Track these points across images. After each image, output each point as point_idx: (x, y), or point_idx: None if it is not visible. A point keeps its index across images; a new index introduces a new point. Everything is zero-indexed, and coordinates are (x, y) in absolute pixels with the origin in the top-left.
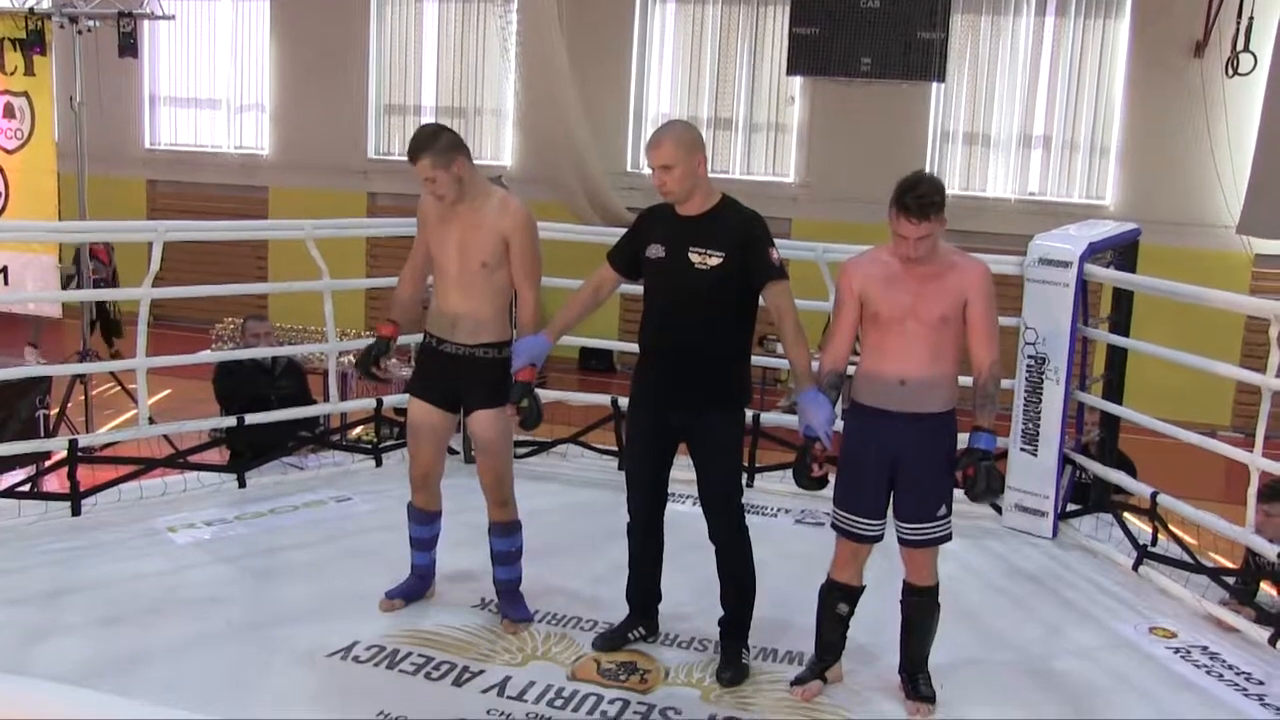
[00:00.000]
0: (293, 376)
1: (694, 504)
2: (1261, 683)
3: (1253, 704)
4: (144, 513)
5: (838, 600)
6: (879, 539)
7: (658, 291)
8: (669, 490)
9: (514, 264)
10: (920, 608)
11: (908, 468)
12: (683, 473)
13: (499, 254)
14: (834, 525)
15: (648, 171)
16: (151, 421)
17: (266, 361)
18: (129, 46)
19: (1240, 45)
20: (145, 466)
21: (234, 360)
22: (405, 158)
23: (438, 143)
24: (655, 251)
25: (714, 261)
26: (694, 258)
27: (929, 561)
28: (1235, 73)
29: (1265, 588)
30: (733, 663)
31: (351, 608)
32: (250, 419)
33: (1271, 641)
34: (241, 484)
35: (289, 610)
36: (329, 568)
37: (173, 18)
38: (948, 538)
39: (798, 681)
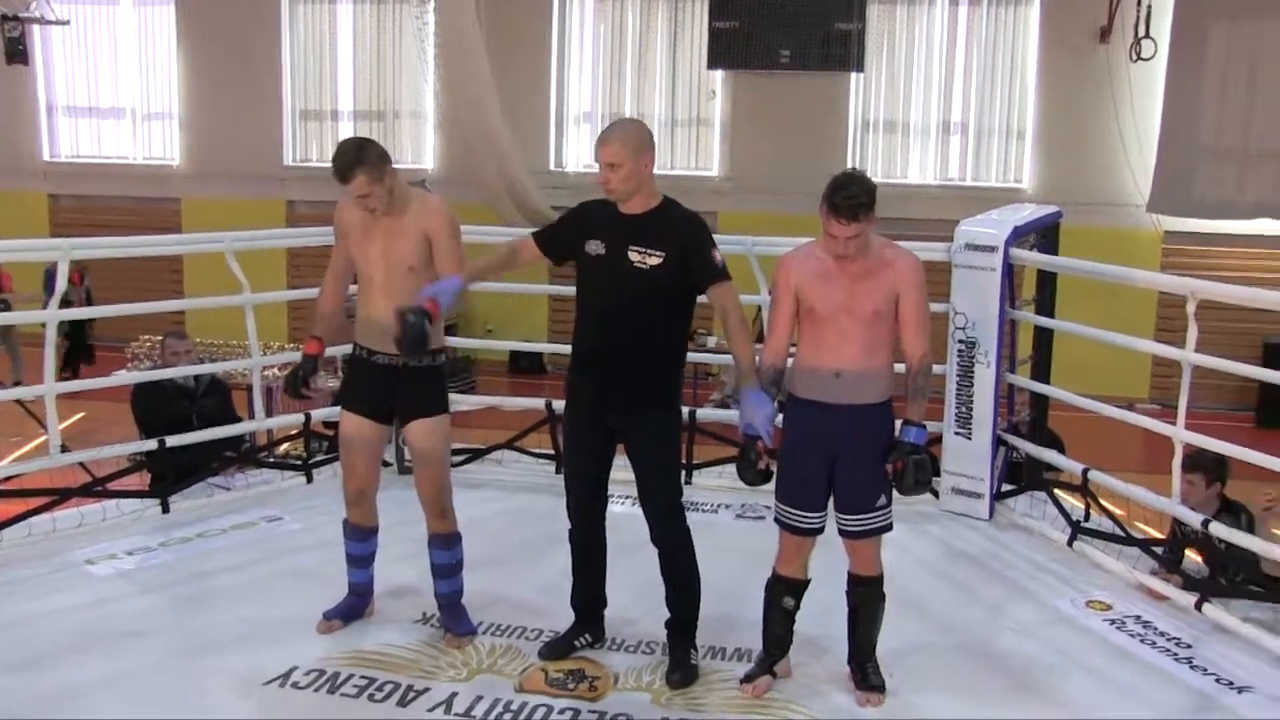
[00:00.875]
0: (215, 394)
1: (634, 504)
2: (1190, 646)
3: (1183, 667)
4: (58, 546)
5: (783, 594)
6: (820, 532)
7: (595, 289)
8: (608, 492)
9: (440, 259)
10: (866, 598)
11: (846, 459)
12: (621, 473)
13: (425, 255)
14: (777, 520)
15: (571, 170)
16: (65, 449)
17: (189, 381)
18: (18, 53)
19: (1142, 32)
20: (59, 497)
21: (153, 381)
22: (324, 164)
23: (368, 156)
24: (595, 248)
25: (654, 261)
26: (634, 257)
27: (872, 552)
28: (1139, 57)
29: (1191, 555)
30: (682, 664)
31: (288, 631)
32: (172, 441)
33: (1198, 606)
34: (165, 509)
35: (221, 638)
36: (262, 591)
37: (67, 23)
38: (889, 528)
39: (747, 679)
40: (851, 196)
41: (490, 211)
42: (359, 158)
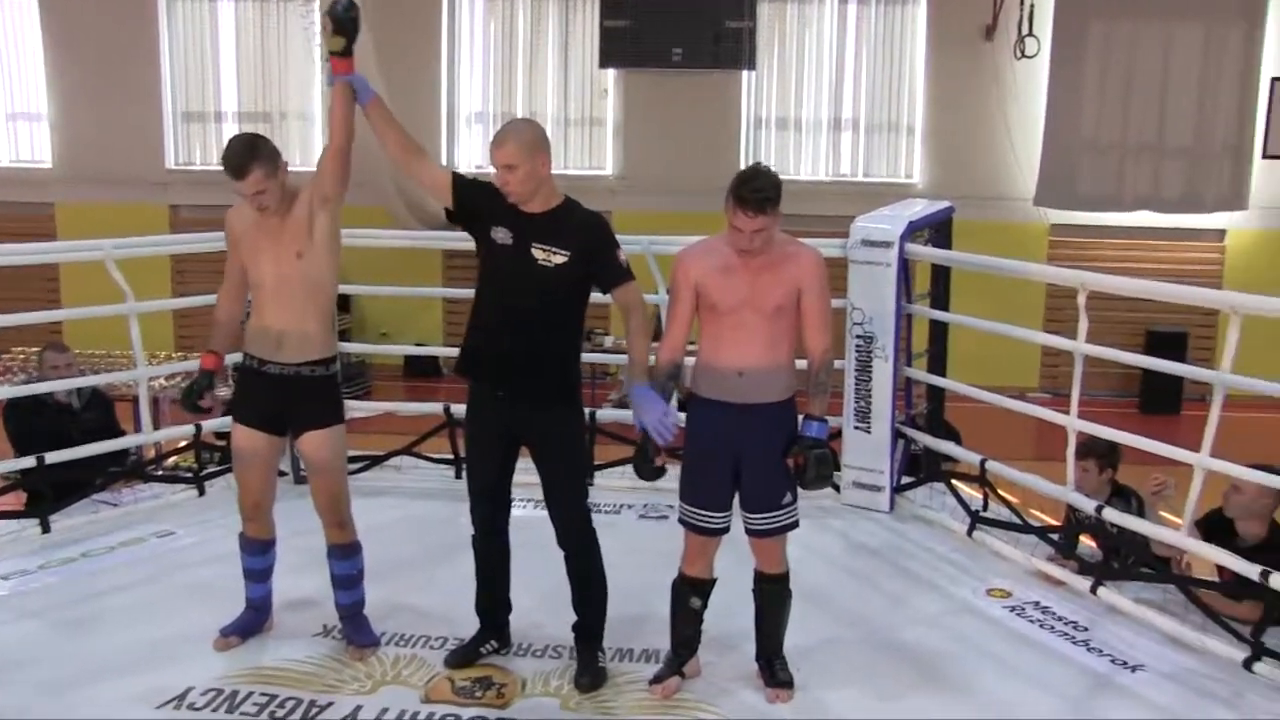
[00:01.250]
0: (98, 408)
1: (536, 508)
2: (1087, 629)
3: (1080, 650)
4: None
5: (690, 595)
6: (726, 531)
7: (498, 280)
8: (512, 496)
9: (318, 174)
10: (773, 595)
11: (751, 458)
12: (523, 476)
13: (310, 235)
14: (682, 520)
15: (465, 171)
16: None
17: (69, 396)
18: None
19: (1025, 30)
20: None
21: (29, 396)
22: (209, 167)
23: (262, 152)
24: (503, 236)
25: (558, 260)
26: (538, 253)
27: (778, 550)
28: (1023, 55)
29: (1085, 540)
30: (589, 667)
31: (183, 651)
32: (51, 457)
33: (1093, 589)
34: (45, 529)
35: (111, 662)
36: (154, 610)
37: None
38: (795, 525)
39: (656, 679)
40: (759, 190)
41: (384, 214)
42: (253, 154)
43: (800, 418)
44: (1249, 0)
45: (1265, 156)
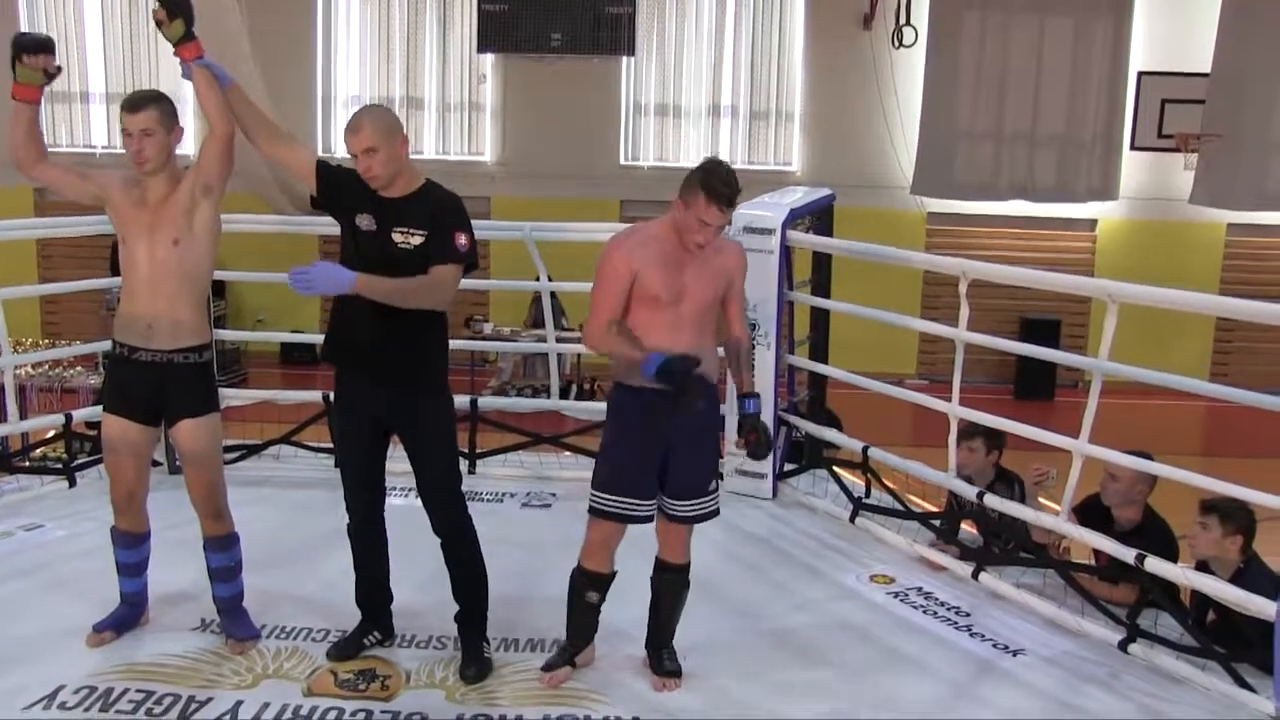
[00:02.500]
0: None
1: (413, 496)
2: (969, 614)
3: (963, 635)
4: None
5: (587, 589)
6: (650, 519)
7: (360, 265)
8: (386, 484)
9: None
10: (674, 585)
11: (681, 445)
12: (398, 464)
13: (187, 226)
14: (600, 510)
15: (340, 155)
16: None
17: None
18: None
19: (903, 19)
20: None
21: None
22: (75, 149)
23: (164, 102)
24: (365, 223)
25: (416, 240)
26: (397, 236)
27: (688, 538)
28: (900, 44)
29: (966, 527)
30: (475, 658)
31: (53, 648)
32: None
33: (974, 575)
34: None
35: None
36: (22, 606)
37: None
38: (718, 512)
39: (548, 667)
40: (731, 185)
41: (259, 199)
42: (156, 98)
43: (739, 398)
44: None
45: (1133, 148)
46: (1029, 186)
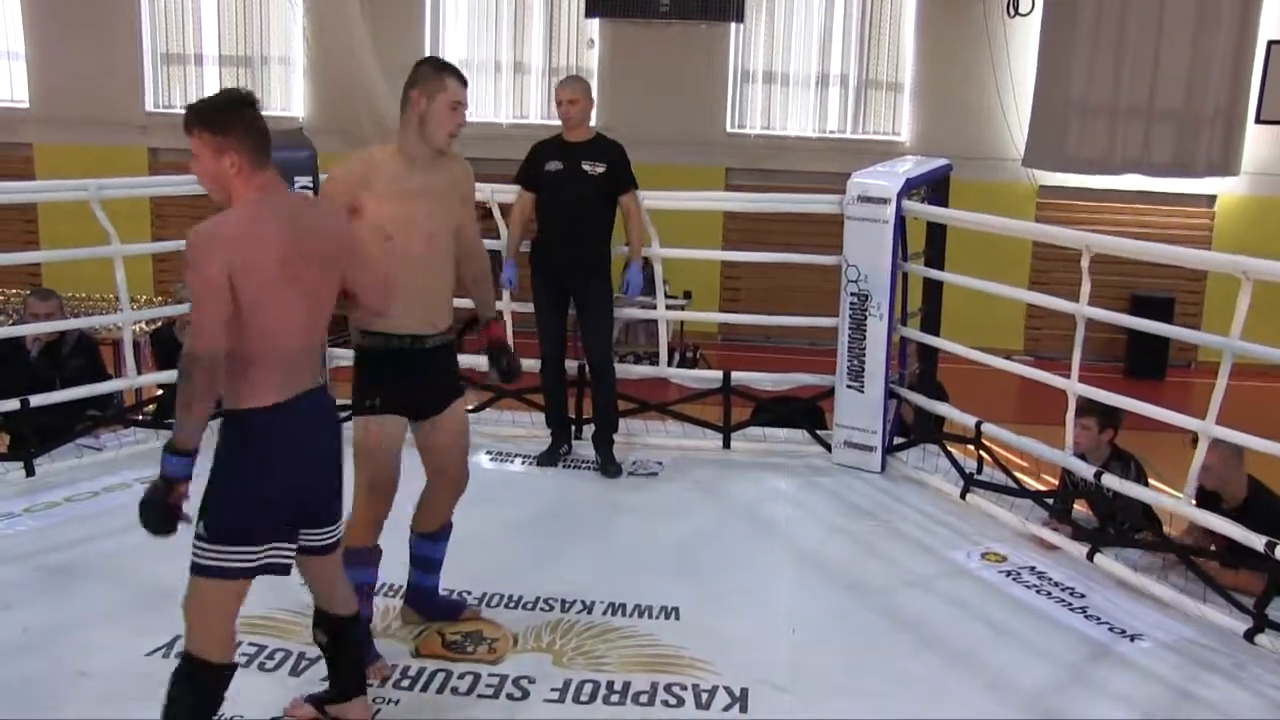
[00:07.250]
0: (82, 354)
1: (532, 464)
2: (1083, 595)
3: (1077, 617)
4: None
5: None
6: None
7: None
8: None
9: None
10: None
11: None
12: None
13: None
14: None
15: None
16: None
17: (53, 337)
18: None
19: None
20: None
21: (8, 342)
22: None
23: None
24: (554, 166)
25: (600, 170)
26: (586, 167)
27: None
28: (1016, 13)
29: (1079, 507)
30: (610, 461)
31: (171, 600)
32: (35, 400)
33: (1089, 556)
34: (29, 472)
35: (95, 610)
36: (139, 558)
37: None
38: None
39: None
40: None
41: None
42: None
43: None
44: None
45: (1259, 121)
46: (1145, 161)
